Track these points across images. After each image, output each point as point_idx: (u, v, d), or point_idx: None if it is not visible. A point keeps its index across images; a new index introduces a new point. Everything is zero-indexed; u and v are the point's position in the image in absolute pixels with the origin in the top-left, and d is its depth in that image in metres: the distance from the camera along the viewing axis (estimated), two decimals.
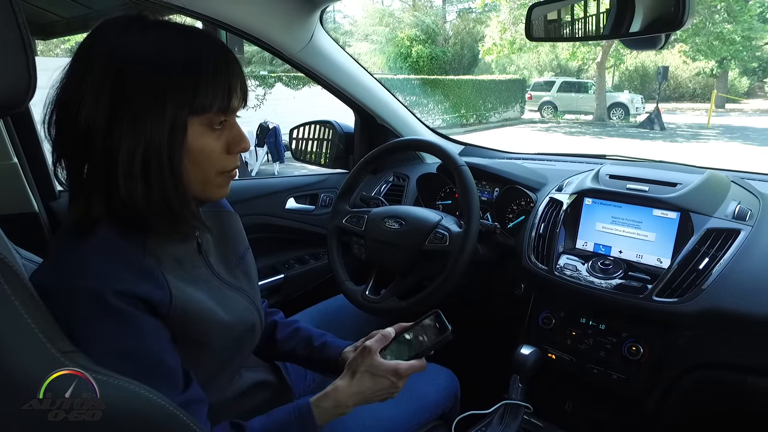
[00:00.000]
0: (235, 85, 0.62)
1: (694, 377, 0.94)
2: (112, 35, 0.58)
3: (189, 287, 0.63)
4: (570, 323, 1.07)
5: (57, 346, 0.46)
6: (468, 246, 0.99)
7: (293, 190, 1.53)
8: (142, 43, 0.57)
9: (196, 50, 0.59)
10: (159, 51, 0.57)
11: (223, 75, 0.60)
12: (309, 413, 0.70)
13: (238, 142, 0.65)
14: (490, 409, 1.02)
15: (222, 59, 0.61)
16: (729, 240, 0.93)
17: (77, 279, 0.53)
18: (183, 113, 0.58)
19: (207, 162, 0.63)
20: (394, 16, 20.94)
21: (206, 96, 0.59)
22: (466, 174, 1.05)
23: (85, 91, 0.55)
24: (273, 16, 1.18)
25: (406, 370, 0.73)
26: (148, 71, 0.56)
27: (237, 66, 0.63)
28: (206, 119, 0.60)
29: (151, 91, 0.56)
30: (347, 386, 0.72)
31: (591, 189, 1.10)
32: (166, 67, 0.57)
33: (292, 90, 9.16)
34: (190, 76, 0.58)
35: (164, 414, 0.51)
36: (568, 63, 19.55)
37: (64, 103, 0.57)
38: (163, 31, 0.59)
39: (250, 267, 0.81)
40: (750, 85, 21.60)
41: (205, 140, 0.61)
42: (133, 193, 0.57)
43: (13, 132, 1.02)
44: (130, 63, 0.56)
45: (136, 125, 0.56)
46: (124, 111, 0.56)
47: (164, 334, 0.59)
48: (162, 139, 0.57)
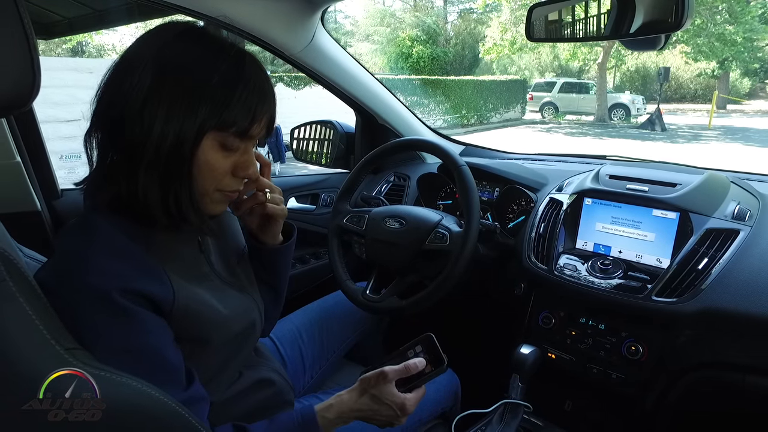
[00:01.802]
0: (261, 115, 0.64)
1: (693, 377, 0.94)
2: (165, 39, 0.61)
3: (191, 285, 0.64)
4: (570, 323, 1.08)
5: (61, 343, 0.47)
6: (468, 246, 1.00)
7: (294, 190, 1.53)
8: (190, 51, 0.60)
9: (239, 69, 0.61)
10: (204, 61, 0.60)
11: (254, 99, 0.62)
12: (313, 422, 0.70)
13: (246, 168, 0.67)
14: (490, 408, 1.02)
15: (259, 85, 0.63)
16: (728, 240, 0.93)
17: (81, 276, 0.54)
18: (209, 123, 0.60)
19: (209, 177, 0.64)
20: (396, 17, 20.98)
21: (231, 114, 0.61)
22: (467, 174, 1.05)
23: (127, 84, 0.58)
24: (274, 16, 1.18)
25: (412, 406, 0.74)
26: (187, 75, 0.59)
27: (270, 96, 0.66)
28: (222, 137, 0.62)
29: (188, 94, 0.58)
30: (352, 401, 0.73)
31: (591, 189, 1.11)
32: (207, 76, 0.59)
33: (294, 90, 9.17)
34: (225, 90, 0.60)
35: (166, 410, 0.51)
36: (569, 64, 19.55)
37: (107, 91, 0.60)
38: (215, 46, 0.62)
39: (249, 266, 0.83)
40: (751, 86, 21.58)
41: (215, 156, 0.63)
42: (149, 187, 0.59)
43: (16, 131, 1.03)
44: (173, 65, 0.59)
45: (167, 121, 0.58)
46: (159, 104, 0.58)
47: (167, 331, 0.60)
48: (186, 140, 0.59)
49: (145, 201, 0.59)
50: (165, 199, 0.60)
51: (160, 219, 0.61)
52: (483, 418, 1.03)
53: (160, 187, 0.60)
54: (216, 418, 0.68)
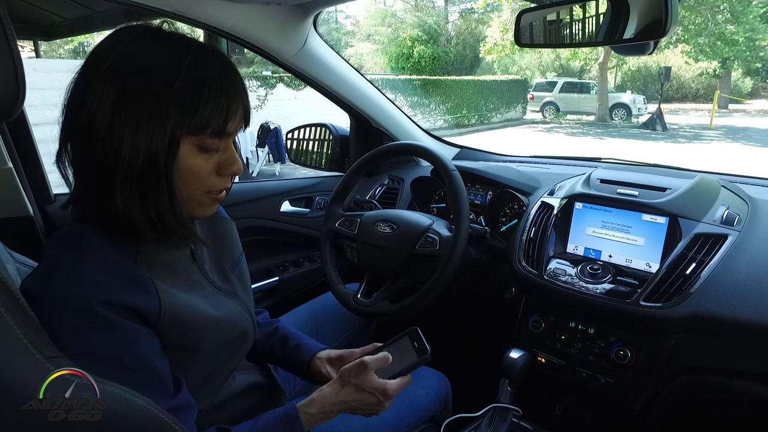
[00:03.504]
0: (235, 109, 0.62)
1: (681, 381, 0.94)
2: (124, 43, 0.58)
3: (181, 294, 0.64)
4: (559, 327, 1.08)
5: (42, 351, 0.47)
6: (457, 250, 1.00)
7: (288, 193, 1.54)
8: (149, 54, 0.58)
9: (201, 69, 0.59)
10: (164, 63, 0.57)
11: (223, 98, 0.60)
12: (296, 418, 0.70)
13: (230, 165, 0.65)
14: (480, 412, 1.03)
15: (226, 82, 0.61)
16: (716, 245, 0.93)
17: (64, 287, 0.54)
18: (180, 129, 0.58)
19: (194, 181, 0.62)
20: (396, 17, 20.98)
21: (202, 116, 0.59)
22: (456, 178, 1.06)
23: (90, 96, 0.56)
24: (267, 21, 1.19)
25: (395, 390, 0.73)
26: (150, 82, 0.56)
27: (240, 90, 0.63)
28: (199, 140, 0.60)
29: (154, 103, 0.56)
30: (333, 394, 0.73)
31: (581, 194, 1.11)
32: (170, 80, 0.57)
33: (294, 90, 9.17)
34: (191, 93, 0.58)
35: (148, 417, 0.51)
36: (571, 63, 19.52)
37: (72, 106, 0.58)
38: (172, 45, 0.59)
39: (244, 273, 0.82)
40: (753, 86, 21.51)
41: (195, 161, 0.61)
42: (128, 203, 0.58)
43: (8, 136, 1.03)
44: (135, 73, 0.57)
45: (136, 134, 0.56)
46: (126, 119, 0.56)
47: (153, 340, 0.60)
48: (159, 152, 0.57)
49: (127, 216, 0.58)
50: (147, 213, 0.59)
51: (146, 232, 0.60)
52: (472, 422, 1.03)
53: (140, 202, 0.58)
54: (208, 422, 0.68)
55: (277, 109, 8.57)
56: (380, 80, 12.48)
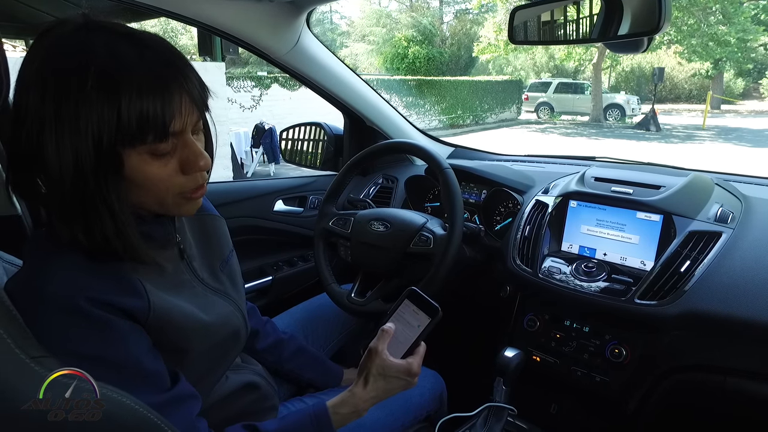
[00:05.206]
0: (173, 109, 0.53)
1: (675, 379, 0.94)
2: (42, 48, 0.51)
3: (170, 295, 0.63)
4: (554, 325, 1.08)
5: (27, 351, 0.46)
6: (451, 249, 1.00)
7: (282, 192, 1.53)
8: (57, 59, 0.50)
9: (115, 64, 0.50)
10: (75, 64, 0.49)
11: (149, 101, 0.51)
12: (326, 418, 0.70)
13: (194, 163, 0.57)
14: (474, 411, 1.02)
15: (151, 74, 0.51)
16: (710, 243, 0.93)
17: (46, 286, 0.53)
18: (107, 141, 0.50)
19: (158, 189, 0.57)
20: (392, 17, 21.01)
21: (129, 124, 0.50)
22: (450, 176, 1.05)
23: (21, 106, 0.50)
24: (259, 18, 1.18)
25: (418, 365, 0.73)
26: (62, 86, 0.49)
27: (174, 77, 0.53)
28: (145, 148, 0.53)
29: (73, 113, 0.49)
30: (364, 392, 0.72)
31: (576, 192, 1.11)
32: (81, 83, 0.49)
33: (289, 90, 9.14)
34: (106, 97, 0.49)
35: (134, 417, 0.51)
36: (565, 64, 19.61)
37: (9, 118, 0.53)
38: (91, 38, 0.51)
39: (234, 271, 0.80)
40: (745, 87, 21.73)
41: (150, 169, 0.55)
42: (74, 230, 0.53)
43: None
44: (49, 83, 0.49)
45: (59, 148, 0.49)
46: (49, 134, 0.49)
47: (143, 336, 0.58)
48: (86, 173, 0.50)
49: (74, 239, 0.53)
50: (93, 240, 0.53)
51: (104, 255, 0.55)
52: (467, 421, 1.02)
53: (83, 230, 0.53)
54: None
55: (272, 110, 8.54)
56: (375, 81, 12.46)
